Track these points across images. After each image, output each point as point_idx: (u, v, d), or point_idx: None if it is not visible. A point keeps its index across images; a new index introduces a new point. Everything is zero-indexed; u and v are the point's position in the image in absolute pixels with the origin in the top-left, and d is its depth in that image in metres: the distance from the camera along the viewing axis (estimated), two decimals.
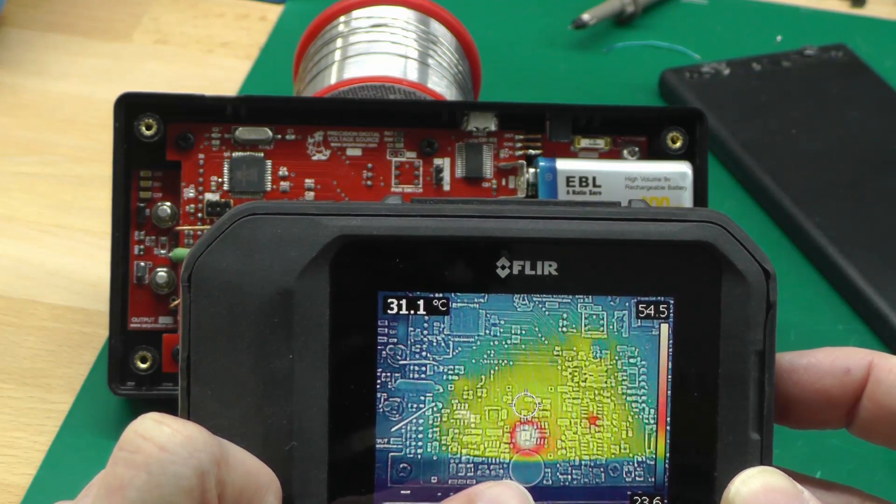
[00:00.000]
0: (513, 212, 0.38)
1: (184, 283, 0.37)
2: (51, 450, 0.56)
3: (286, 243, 0.37)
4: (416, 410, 0.37)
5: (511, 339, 0.38)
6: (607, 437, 0.38)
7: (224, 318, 0.37)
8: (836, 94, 0.77)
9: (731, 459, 0.38)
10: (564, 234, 0.38)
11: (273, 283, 0.37)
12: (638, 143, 0.59)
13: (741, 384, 0.38)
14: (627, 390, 0.38)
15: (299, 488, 0.37)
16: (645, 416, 0.38)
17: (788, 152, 0.73)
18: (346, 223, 0.37)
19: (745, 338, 0.38)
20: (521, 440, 0.38)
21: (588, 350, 0.38)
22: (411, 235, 0.37)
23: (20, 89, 0.76)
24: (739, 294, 0.38)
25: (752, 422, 0.38)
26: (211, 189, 0.57)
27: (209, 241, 0.37)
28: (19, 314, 0.62)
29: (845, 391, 0.39)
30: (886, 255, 0.67)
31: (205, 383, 0.37)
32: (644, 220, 0.38)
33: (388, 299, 0.37)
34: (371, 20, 0.64)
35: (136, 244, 0.57)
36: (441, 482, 0.38)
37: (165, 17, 0.82)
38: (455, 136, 0.58)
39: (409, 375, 0.37)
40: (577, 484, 0.38)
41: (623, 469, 0.38)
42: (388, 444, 0.37)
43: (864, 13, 0.88)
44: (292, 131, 0.57)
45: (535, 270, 0.38)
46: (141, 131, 0.56)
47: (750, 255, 0.38)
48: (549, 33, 0.83)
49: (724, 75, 0.78)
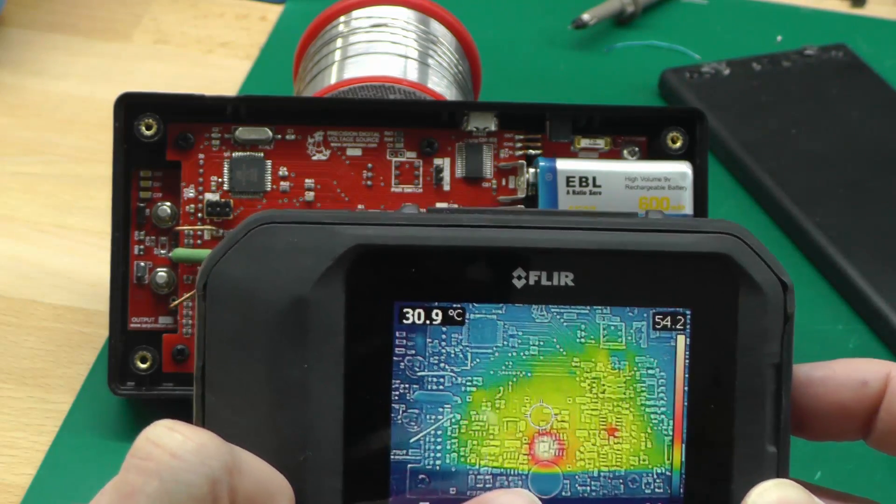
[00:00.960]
0: (529, 222, 0.38)
1: (199, 291, 0.37)
2: (51, 450, 0.56)
3: (302, 252, 0.37)
4: (434, 422, 0.37)
5: (529, 350, 0.38)
6: (626, 449, 0.38)
7: (239, 327, 0.37)
8: (836, 94, 0.77)
9: (747, 472, 0.37)
10: (581, 244, 0.37)
11: (288, 291, 0.37)
12: (638, 143, 0.59)
13: (758, 397, 0.38)
14: (646, 401, 0.38)
15: (314, 498, 0.36)
16: (663, 427, 0.38)
17: (788, 152, 0.73)
18: (362, 232, 0.37)
19: (762, 350, 0.38)
20: (539, 451, 0.38)
21: (607, 361, 0.38)
22: (428, 245, 0.37)
23: (20, 89, 0.76)
24: (756, 306, 0.38)
25: (769, 434, 0.38)
26: (211, 189, 0.57)
27: (225, 249, 0.37)
28: (19, 314, 0.62)
29: (862, 403, 0.38)
30: (886, 255, 0.67)
31: (219, 391, 0.37)
32: (661, 230, 0.38)
33: (405, 309, 0.37)
34: (371, 20, 0.64)
35: (136, 244, 0.57)
36: (459, 493, 0.37)
37: (165, 17, 0.82)
38: (455, 136, 0.58)
39: (427, 387, 0.37)
40: (595, 495, 0.38)
41: (642, 481, 0.38)
42: (406, 455, 0.37)
43: (864, 13, 0.88)
44: (292, 131, 0.57)
45: (552, 281, 0.38)
46: (141, 131, 0.56)
47: (767, 267, 0.38)
48: (549, 33, 0.83)
49: (724, 75, 0.78)
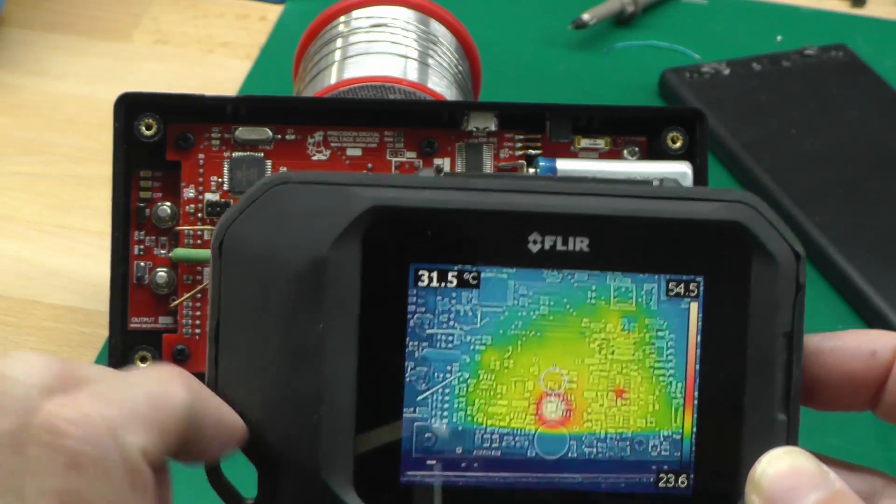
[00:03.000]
0: (546, 187, 0.38)
1: (214, 251, 0.37)
2: None
3: (318, 213, 0.37)
4: (443, 380, 0.37)
5: (539, 310, 0.38)
6: (634, 411, 0.38)
7: (254, 287, 0.37)
8: (836, 94, 0.77)
9: (757, 439, 0.38)
10: (597, 210, 0.38)
11: (304, 252, 0.37)
12: (638, 143, 0.59)
13: (769, 365, 0.38)
14: (655, 364, 0.38)
15: (326, 457, 0.36)
16: (672, 390, 0.38)
17: (788, 152, 0.73)
18: (379, 194, 0.37)
19: (773, 319, 0.38)
20: (546, 412, 0.38)
21: (617, 322, 0.38)
22: (444, 208, 0.37)
23: (20, 89, 0.76)
24: (769, 275, 0.38)
25: (779, 402, 0.38)
26: (211, 189, 0.57)
27: (241, 209, 0.37)
28: (19, 314, 0.62)
29: (871, 373, 0.39)
30: (886, 255, 0.67)
31: (233, 352, 0.37)
32: (676, 198, 0.38)
33: (420, 271, 0.37)
34: (371, 20, 0.64)
35: (136, 244, 0.57)
36: (466, 453, 0.38)
37: (165, 17, 0.82)
38: (455, 136, 0.58)
39: (437, 345, 0.37)
40: (602, 457, 0.38)
41: (649, 443, 0.38)
42: (415, 413, 0.37)
43: (864, 13, 0.88)
44: (292, 131, 0.57)
45: (567, 246, 0.38)
46: (141, 131, 0.56)
47: (780, 236, 0.38)
48: (549, 33, 0.83)
49: (724, 75, 0.78)
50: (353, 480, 0.37)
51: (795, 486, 0.36)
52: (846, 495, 0.35)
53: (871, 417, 0.40)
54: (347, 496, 0.36)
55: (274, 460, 0.37)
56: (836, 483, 0.36)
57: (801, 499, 0.35)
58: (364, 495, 0.37)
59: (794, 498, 0.35)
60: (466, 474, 0.37)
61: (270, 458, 0.37)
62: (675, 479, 0.38)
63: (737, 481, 0.38)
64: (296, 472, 0.37)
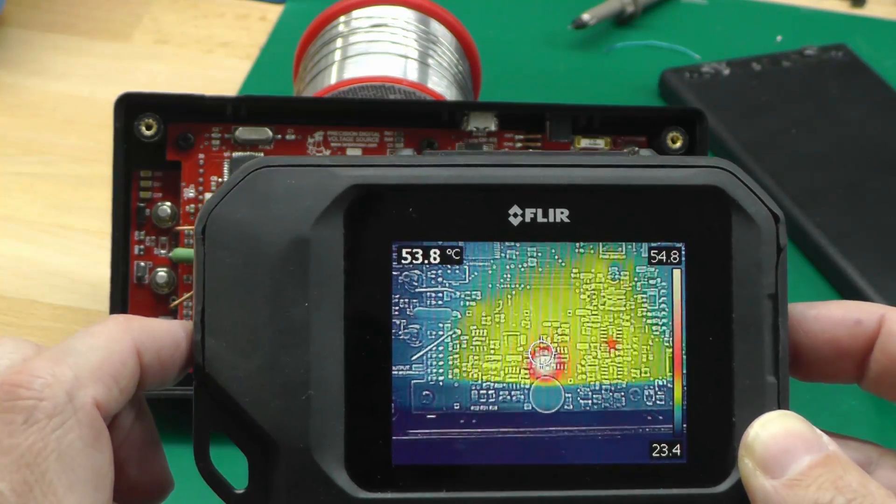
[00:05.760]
0: (524, 160, 0.38)
1: (197, 235, 0.37)
2: None
3: (300, 193, 0.37)
4: (435, 338, 0.38)
5: (527, 262, 0.38)
6: (627, 361, 0.38)
7: (239, 269, 0.37)
8: (836, 94, 0.77)
9: (748, 403, 0.38)
10: (576, 180, 0.38)
11: (288, 232, 0.37)
12: (638, 143, 0.59)
13: (755, 328, 0.38)
14: (647, 313, 0.38)
15: (317, 437, 0.37)
16: (665, 338, 0.38)
17: (788, 152, 0.73)
18: (359, 173, 0.38)
19: (757, 281, 0.38)
20: (540, 365, 0.38)
21: (606, 272, 0.38)
22: (423, 184, 0.38)
23: (20, 89, 0.76)
24: (750, 238, 0.38)
25: (768, 365, 0.38)
26: (211, 189, 0.57)
27: (223, 194, 0.37)
28: (19, 314, 0.62)
29: (856, 342, 0.39)
30: (886, 255, 0.67)
31: (220, 335, 0.37)
32: (653, 166, 0.38)
33: (403, 249, 0.38)
34: (371, 20, 0.64)
35: (136, 244, 0.57)
36: (463, 408, 0.38)
37: (165, 17, 0.82)
38: (455, 136, 0.58)
39: (426, 302, 0.38)
40: (597, 408, 0.38)
41: (643, 393, 0.38)
42: (409, 370, 0.37)
43: (864, 13, 0.88)
44: (292, 131, 0.57)
45: (547, 218, 0.38)
46: (141, 131, 0.56)
47: (758, 199, 0.38)
48: (549, 33, 0.83)
49: (724, 75, 0.78)
50: (345, 462, 0.37)
51: (789, 449, 0.36)
52: (840, 457, 0.35)
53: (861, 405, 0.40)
54: (339, 478, 0.37)
55: (264, 443, 0.37)
56: (829, 445, 0.36)
57: (794, 461, 0.35)
58: (356, 476, 0.37)
59: (787, 460, 0.35)
60: (465, 431, 0.38)
61: (261, 442, 0.37)
62: (668, 449, 0.38)
63: (730, 446, 0.38)
64: (287, 454, 0.37)
